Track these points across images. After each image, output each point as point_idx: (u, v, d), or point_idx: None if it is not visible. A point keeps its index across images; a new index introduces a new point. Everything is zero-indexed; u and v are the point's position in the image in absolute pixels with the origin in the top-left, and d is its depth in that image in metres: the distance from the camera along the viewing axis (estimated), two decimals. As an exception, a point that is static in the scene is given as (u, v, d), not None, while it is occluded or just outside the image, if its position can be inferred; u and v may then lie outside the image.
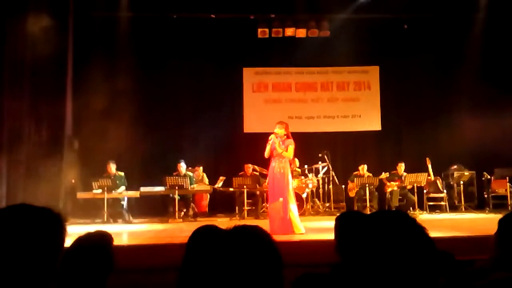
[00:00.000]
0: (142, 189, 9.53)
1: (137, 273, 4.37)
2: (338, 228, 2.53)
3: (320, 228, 7.32)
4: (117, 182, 9.50)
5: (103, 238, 2.30)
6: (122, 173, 9.79)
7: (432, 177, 10.41)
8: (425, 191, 10.49)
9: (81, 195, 9.42)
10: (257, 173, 10.18)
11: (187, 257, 1.39)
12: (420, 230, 1.30)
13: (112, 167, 9.65)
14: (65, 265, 2.08)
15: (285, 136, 6.95)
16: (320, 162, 10.66)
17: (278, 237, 1.52)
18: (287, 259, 1.31)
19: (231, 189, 9.97)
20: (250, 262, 1.22)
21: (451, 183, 10.77)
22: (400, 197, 10.33)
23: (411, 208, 10.01)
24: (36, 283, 1.30)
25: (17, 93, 8.84)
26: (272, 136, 6.91)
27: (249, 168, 10.22)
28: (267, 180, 7.51)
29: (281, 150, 6.85)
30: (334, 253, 2.46)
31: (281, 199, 6.77)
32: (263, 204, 10.04)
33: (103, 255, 2.20)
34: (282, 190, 6.81)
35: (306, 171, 10.54)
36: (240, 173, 10.20)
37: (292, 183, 7.18)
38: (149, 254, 5.29)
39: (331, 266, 2.16)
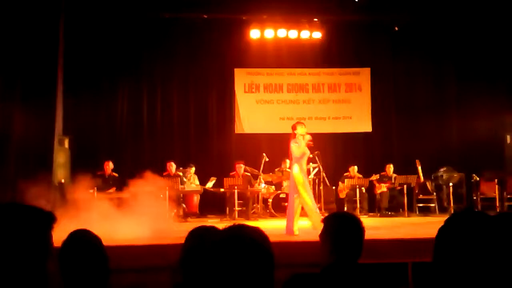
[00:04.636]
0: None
1: (128, 273, 4.36)
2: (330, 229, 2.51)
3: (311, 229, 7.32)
4: (111, 182, 9.53)
5: (92, 239, 2.19)
6: (116, 174, 9.84)
7: (422, 179, 10.47)
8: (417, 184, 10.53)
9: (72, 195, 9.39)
10: (249, 174, 10.15)
11: (184, 257, 1.39)
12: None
13: (109, 167, 9.73)
14: (62, 267, 2.04)
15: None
16: (311, 163, 10.66)
17: (273, 239, 1.53)
18: (282, 260, 1.33)
19: (221, 189, 9.94)
20: (241, 262, 1.23)
21: (441, 185, 10.83)
22: (390, 199, 10.39)
23: (400, 210, 10.09)
24: (25, 282, 1.29)
25: (7, 91, 8.77)
26: (301, 136, 7.14)
27: (241, 167, 10.16)
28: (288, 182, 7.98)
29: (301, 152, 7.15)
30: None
31: (295, 195, 7.09)
32: (254, 205, 10.04)
33: (97, 257, 2.11)
34: (295, 191, 7.13)
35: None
36: (232, 173, 10.16)
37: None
38: (139, 254, 5.28)
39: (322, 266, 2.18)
